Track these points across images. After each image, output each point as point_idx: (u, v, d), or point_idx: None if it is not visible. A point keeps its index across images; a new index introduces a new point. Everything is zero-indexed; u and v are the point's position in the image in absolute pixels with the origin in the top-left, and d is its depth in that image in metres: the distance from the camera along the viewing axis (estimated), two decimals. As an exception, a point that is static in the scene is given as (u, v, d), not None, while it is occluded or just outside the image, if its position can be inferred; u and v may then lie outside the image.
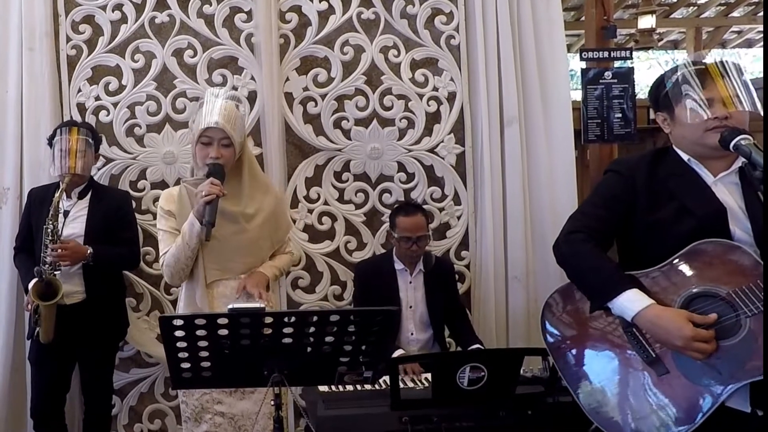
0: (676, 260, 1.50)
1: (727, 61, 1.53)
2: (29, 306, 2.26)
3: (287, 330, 1.40)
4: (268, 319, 1.37)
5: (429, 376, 2.32)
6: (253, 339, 1.39)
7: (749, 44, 9.56)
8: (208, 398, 1.89)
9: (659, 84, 1.61)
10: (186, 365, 1.44)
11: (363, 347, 1.48)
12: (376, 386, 2.25)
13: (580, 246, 1.56)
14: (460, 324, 2.70)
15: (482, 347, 2.57)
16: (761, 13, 8.12)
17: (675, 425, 1.46)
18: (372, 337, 1.46)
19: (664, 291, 1.50)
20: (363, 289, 2.66)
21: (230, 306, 1.37)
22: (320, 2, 2.81)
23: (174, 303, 2.74)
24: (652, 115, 5.82)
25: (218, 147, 1.89)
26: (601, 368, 1.59)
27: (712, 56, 1.56)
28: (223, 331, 1.37)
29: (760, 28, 8.83)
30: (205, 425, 1.90)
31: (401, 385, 2.07)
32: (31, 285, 2.25)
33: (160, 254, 1.96)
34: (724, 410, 1.43)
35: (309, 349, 1.45)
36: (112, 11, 2.72)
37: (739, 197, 1.50)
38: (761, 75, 1.51)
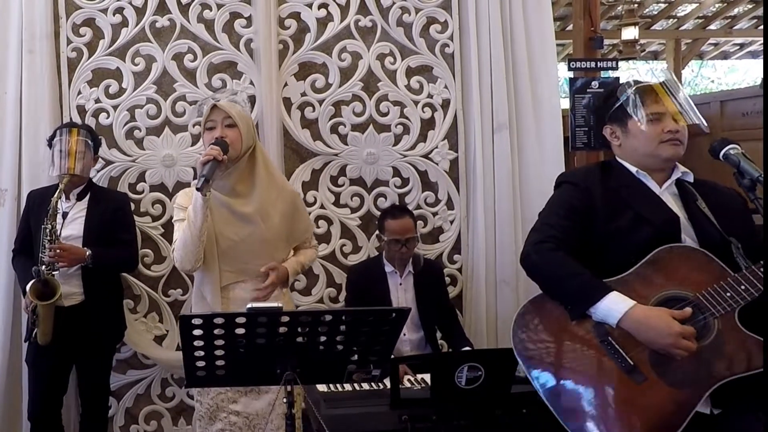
0: (643, 266, 1.53)
1: (670, 80, 1.62)
2: (28, 308, 2.25)
3: (302, 329, 1.43)
4: (284, 319, 1.41)
5: (425, 376, 2.38)
6: (268, 338, 1.42)
7: (725, 56, 9.87)
8: (223, 397, 1.89)
9: (608, 97, 1.68)
10: (201, 363, 1.46)
11: (373, 346, 1.52)
12: (374, 386, 2.30)
13: (551, 255, 1.57)
14: (450, 325, 2.76)
15: (471, 349, 2.63)
16: (737, 27, 8.40)
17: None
18: (383, 336, 1.50)
19: (635, 296, 1.51)
20: (355, 293, 2.70)
21: (249, 305, 1.40)
22: (319, 9, 2.86)
23: (171, 305, 2.77)
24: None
25: (222, 127, 1.90)
26: (578, 380, 1.55)
27: (658, 75, 1.65)
28: (240, 330, 1.40)
29: (736, 40, 9.12)
30: (219, 424, 1.91)
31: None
32: (29, 285, 2.24)
33: (173, 243, 1.97)
34: None
35: (321, 347, 1.49)
36: (113, 14, 2.73)
37: (680, 207, 1.58)
38: (743, 85, 1.59)
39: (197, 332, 1.40)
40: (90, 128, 2.48)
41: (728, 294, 1.44)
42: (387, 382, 2.23)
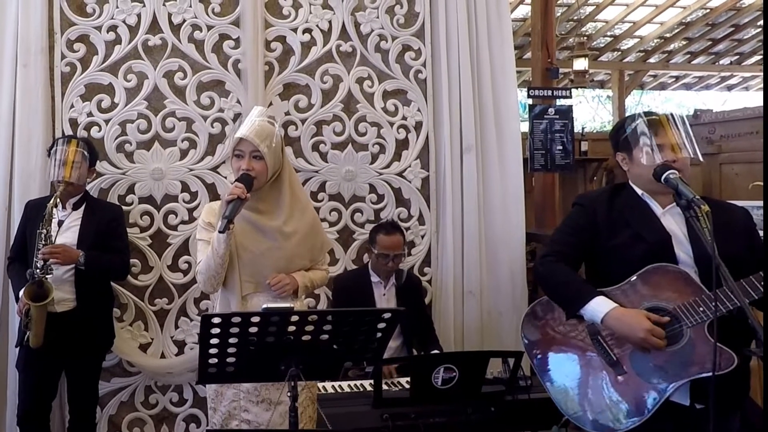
0: (632, 280, 1.78)
1: (675, 114, 1.84)
2: (22, 310, 2.29)
3: (308, 328, 1.57)
4: (294, 318, 1.55)
5: (398, 380, 2.55)
6: (277, 336, 1.56)
7: (663, 87, 10.63)
8: (235, 405, 1.95)
9: (619, 129, 1.91)
10: (213, 361, 1.59)
11: (369, 345, 1.68)
12: (357, 388, 2.46)
13: (552, 266, 1.83)
14: (425, 333, 2.96)
15: (438, 352, 2.81)
16: (672, 61, 9.11)
17: (629, 416, 1.74)
18: (378, 334, 1.67)
19: (624, 305, 1.75)
20: (340, 301, 2.85)
21: (264, 306, 1.54)
22: (303, 34, 3.03)
23: (157, 314, 2.85)
24: (584, 148, 6.41)
25: (249, 159, 1.92)
26: (569, 370, 1.87)
27: (664, 109, 1.88)
28: (254, 329, 1.53)
29: (672, 73, 9.85)
30: None
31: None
32: (23, 291, 2.30)
33: (196, 263, 2.02)
34: (668, 404, 1.72)
35: (323, 345, 1.62)
36: (107, 32, 2.82)
37: (683, 226, 1.79)
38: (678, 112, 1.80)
39: (215, 330, 1.52)
40: (89, 142, 2.56)
41: (701, 309, 1.69)
42: (368, 385, 2.41)
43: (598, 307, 1.74)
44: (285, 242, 1.99)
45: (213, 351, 1.58)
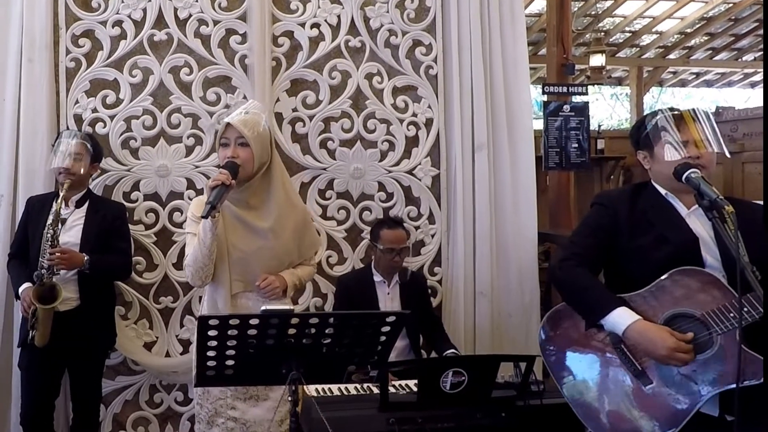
0: (658, 285, 1.68)
1: (699, 109, 1.75)
2: (28, 310, 2.28)
3: (309, 331, 1.53)
4: (294, 321, 1.50)
5: (405, 382, 2.50)
6: (277, 339, 1.51)
7: (682, 84, 10.42)
8: (222, 403, 1.93)
9: (640, 126, 1.82)
10: (212, 363, 1.54)
11: (373, 348, 1.63)
12: (363, 390, 2.40)
13: (573, 271, 1.74)
14: (435, 333, 2.89)
15: (457, 352, 2.75)
16: (693, 57, 8.92)
17: (660, 429, 1.64)
18: (382, 337, 1.61)
19: (648, 311, 1.67)
20: (344, 301, 2.80)
21: (263, 307, 1.50)
22: (311, 29, 2.98)
23: (162, 312, 2.82)
24: (600, 146, 6.30)
25: (234, 146, 1.91)
26: (594, 382, 1.77)
27: (687, 105, 1.78)
28: (252, 332, 1.49)
29: (692, 69, 9.65)
30: (217, 429, 1.94)
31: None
32: (22, 288, 2.30)
33: (185, 257, 2.00)
34: (696, 415, 1.63)
35: (325, 349, 1.57)
36: (112, 27, 2.80)
37: (709, 228, 1.69)
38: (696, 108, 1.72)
39: (212, 333, 1.48)
40: (92, 137, 2.55)
41: (731, 314, 1.59)
42: (374, 387, 2.35)
43: (620, 318, 1.65)
44: (276, 241, 1.97)
45: (211, 353, 1.53)
